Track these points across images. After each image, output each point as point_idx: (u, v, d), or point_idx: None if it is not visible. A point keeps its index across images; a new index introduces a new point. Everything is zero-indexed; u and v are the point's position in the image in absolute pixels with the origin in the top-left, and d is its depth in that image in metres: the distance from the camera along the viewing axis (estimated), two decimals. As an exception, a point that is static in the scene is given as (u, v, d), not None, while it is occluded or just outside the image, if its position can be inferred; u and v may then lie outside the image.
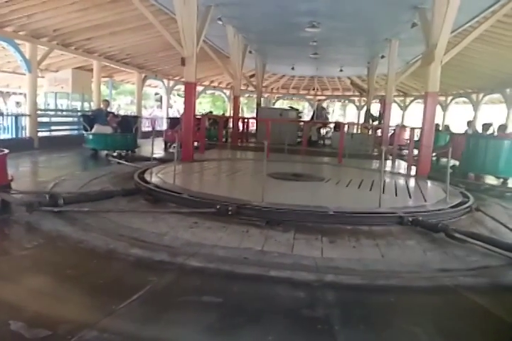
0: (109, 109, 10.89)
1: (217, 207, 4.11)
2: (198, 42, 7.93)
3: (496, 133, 9.12)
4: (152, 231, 3.59)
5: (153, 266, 2.86)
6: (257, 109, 16.11)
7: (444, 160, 9.38)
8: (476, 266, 3.10)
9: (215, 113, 18.63)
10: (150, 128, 16.73)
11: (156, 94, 27.55)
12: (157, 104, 30.21)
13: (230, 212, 4.06)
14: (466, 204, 4.92)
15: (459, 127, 13.60)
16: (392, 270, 2.97)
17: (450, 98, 18.23)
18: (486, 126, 9.33)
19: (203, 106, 29.73)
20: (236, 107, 13.00)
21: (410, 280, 2.82)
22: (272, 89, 23.78)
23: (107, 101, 11.25)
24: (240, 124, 13.49)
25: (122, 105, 30.32)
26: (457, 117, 17.80)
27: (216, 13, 9.10)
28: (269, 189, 4.48)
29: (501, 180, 7.98)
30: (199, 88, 19.90)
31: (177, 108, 25.92)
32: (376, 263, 3.10)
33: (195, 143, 9.40)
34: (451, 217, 4.48)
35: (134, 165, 7.09)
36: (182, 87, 16.06)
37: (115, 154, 8.35)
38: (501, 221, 4.36)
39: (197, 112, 10.95)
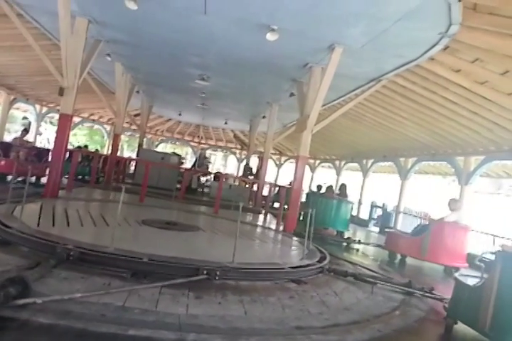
0: None
1: (204, 272, 3.83)
2: (82, 75, 7.58)
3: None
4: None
5: (-11, 322, 2.42)
6: (138, 150, 15.68)
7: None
8: (327, 323, 3.34)
9: (91, 147, 17.52)
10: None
11: (25, 118, 24.91)
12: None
13: (216, 277, 3.88)
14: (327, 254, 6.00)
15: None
16: (253, 327, 3.02)
17: (318, 161, 20.44)
18: (319, 187, 11.68)
19: (79, 138, 27.76)
20: (115, 145, 12.47)
21: (269, 338, 2.89)
22: (157, 131, 23.57)
23: None
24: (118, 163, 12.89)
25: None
26: (323, 179, 19.86)
27: (105, 49, 8.93)
28: (144, 238, 4.27)
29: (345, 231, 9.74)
30: (76, 119, 18.72)
31: (47, 137, 23.64)
32: (239, 320, 3.12)
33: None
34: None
35: None
36: (56, 115, 14.91)
37: None
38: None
39: (69, 145, 10.17)
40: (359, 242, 9.32)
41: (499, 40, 5.58)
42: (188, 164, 19.92)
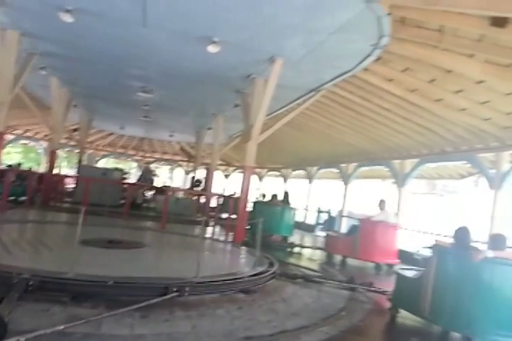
0: None
1: (175, 289, 3.79)
2: (13, 90, 7.20)
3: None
4: None
5: None
6: (78, 166, 14.97)
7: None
8: (275, 331, 3.36)
9: (26, 166, 16.47)
10: None
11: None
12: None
13: (186, 294, 3.88)
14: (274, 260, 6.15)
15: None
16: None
17: (265, 170, 20.65)
18: (264, 195, 12.17)
19: (13, 156, 25.95)
20: (52, 162, 11.81)
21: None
22: (98, 145, 22.62)
23: None
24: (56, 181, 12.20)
25: None
26: (272, 188, 20.09)
27: (40, 62, 8.53)
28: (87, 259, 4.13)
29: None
30: (10, 136, 17.55)
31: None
32: (187, 336, 3.05)
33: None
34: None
35: None
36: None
37: None
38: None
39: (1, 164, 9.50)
40: (301, 246, 9.72)
41: (426, 51, 6.06)
42: (132, 179, 19.26)
